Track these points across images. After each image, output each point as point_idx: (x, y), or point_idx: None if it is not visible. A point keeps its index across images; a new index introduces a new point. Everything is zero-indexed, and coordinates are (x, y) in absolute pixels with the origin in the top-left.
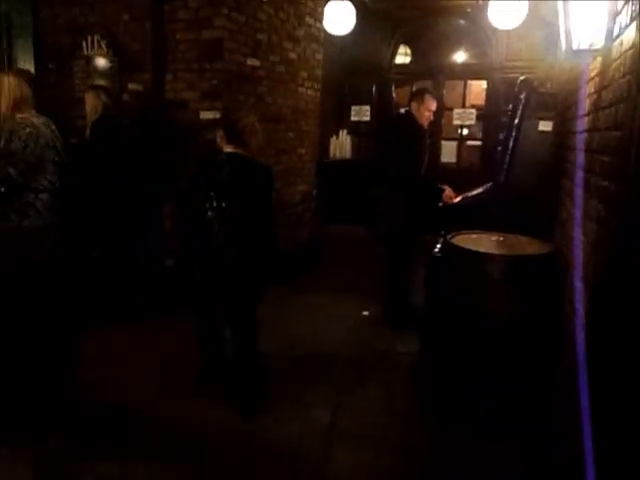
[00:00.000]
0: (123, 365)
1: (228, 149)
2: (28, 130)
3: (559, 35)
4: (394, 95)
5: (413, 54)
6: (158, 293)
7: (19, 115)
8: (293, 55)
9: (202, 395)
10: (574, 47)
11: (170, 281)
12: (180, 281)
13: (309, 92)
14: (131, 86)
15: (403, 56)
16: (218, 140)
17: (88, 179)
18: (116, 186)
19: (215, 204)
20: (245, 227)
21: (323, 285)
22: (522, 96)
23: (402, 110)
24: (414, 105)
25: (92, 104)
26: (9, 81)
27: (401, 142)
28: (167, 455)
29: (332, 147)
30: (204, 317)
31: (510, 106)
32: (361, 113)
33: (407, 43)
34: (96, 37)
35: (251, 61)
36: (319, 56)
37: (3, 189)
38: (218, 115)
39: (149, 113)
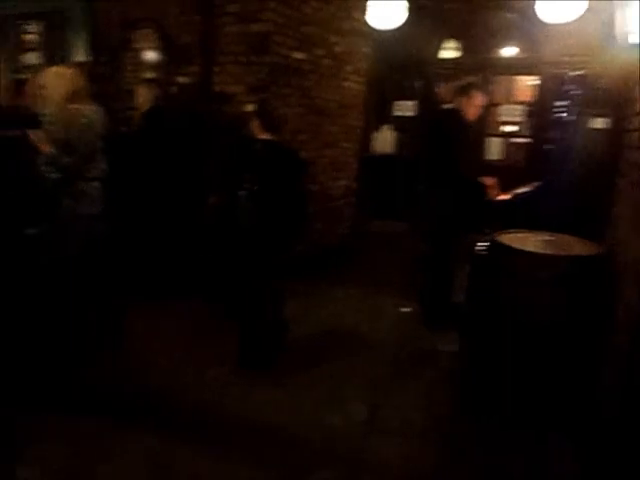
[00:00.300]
0: (165, 346)
1: (264, 136)
2: (83, 121)
3: (616, 29)
4: (440, 90)
5: (461, 48)
6: (201, 278)
7: (75, 106)
8: (339, 49)
9: (239, 379)
10: (632, 41)
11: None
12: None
13: (354, 86)
14: (180, 79)
15: (450, 50)
16: (252, 128)
17: (137, 168)
18: (164, 176)
19: (248, 185)
20: (276, 209)
21: (362, 280)
22: (575, 92)
23: (448, 105)
24: (461, 100)
25: (143, 96)
26: (65, 73)
27: (446, 138)
28: (202, 437)
29: (374, 142)
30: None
31: (561, 103)
32: (405, 108)
33: (455, 37)
34: (146, 30)
35: (297, 54)
36: (365, 50)
37: (59, 177)
38: None
39: (196, 106)
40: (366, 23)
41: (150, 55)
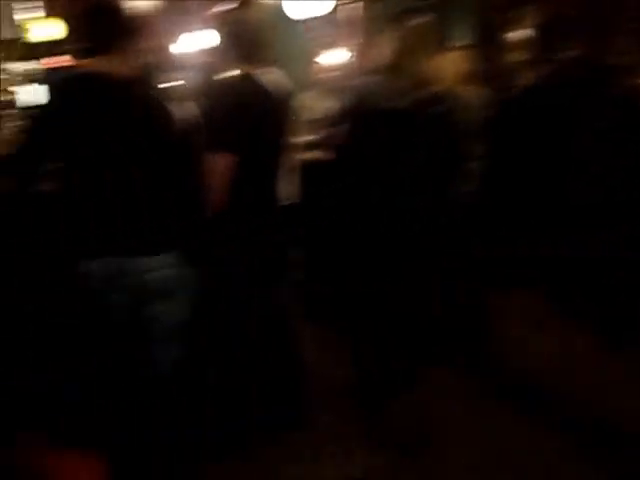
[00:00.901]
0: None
1: None
2: (469, 101)
3: None
4: None
5: None
6: None
7: (462, 88)
8: None
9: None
10: None
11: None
12: None
13: None
14: (564, 54)
15: None
16: None
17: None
18: (534, 156)
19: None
20: None
21: None
22: None
23: None
24: None
25: (523, 75)
26: (455, 57)
27: None
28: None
29: None
30: None
31: None
32: None
33: None
34: (524, 8)
35: None
36: None
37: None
38: None
39: (582, 81)
40: None
41: (525, 33)
